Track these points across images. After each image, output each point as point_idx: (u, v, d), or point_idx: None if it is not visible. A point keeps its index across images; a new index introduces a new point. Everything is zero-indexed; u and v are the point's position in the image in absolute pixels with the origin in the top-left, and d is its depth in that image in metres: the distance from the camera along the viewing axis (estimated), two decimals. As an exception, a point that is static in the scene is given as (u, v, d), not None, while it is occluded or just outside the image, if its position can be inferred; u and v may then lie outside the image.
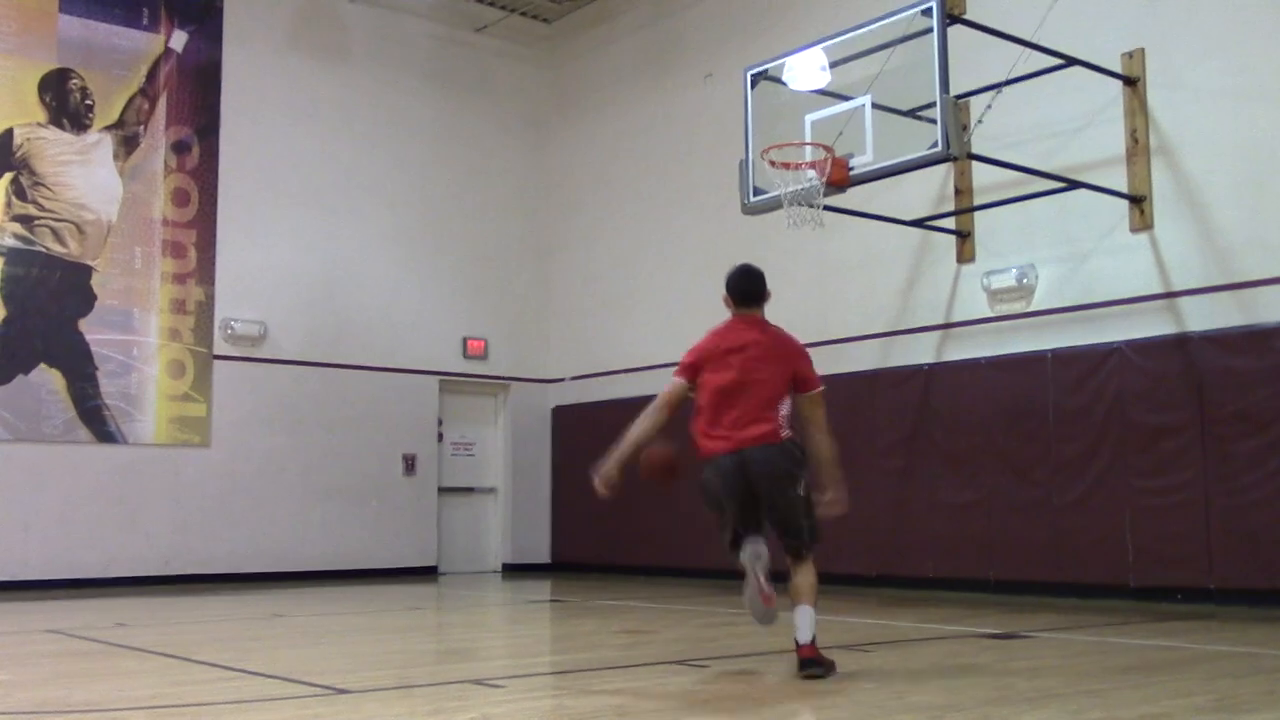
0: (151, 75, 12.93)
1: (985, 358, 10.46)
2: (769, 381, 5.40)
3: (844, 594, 10.57)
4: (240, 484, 12.94)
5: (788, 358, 5.51)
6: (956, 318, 10.84)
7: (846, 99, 9.22)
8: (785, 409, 5.41)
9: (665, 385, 5.61)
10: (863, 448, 11.04)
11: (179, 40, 13.12)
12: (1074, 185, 9.54)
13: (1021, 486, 10.04)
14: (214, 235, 13.11)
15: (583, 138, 15.31)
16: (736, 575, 5.42)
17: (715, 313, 5.73)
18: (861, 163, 8.93)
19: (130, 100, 12.79)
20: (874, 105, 8.99)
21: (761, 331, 5.54)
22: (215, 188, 13.18)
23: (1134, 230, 9.61)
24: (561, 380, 15.21)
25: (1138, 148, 9.54)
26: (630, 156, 14.54)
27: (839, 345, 11.67)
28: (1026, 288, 10.27)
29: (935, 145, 8.47)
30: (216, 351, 13.01)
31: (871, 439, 11.11)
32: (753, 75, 9.91)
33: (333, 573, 13.29)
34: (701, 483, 5.43)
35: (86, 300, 12.33)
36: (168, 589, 11.89)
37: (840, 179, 8.93)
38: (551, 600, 11.03)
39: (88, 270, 12.37)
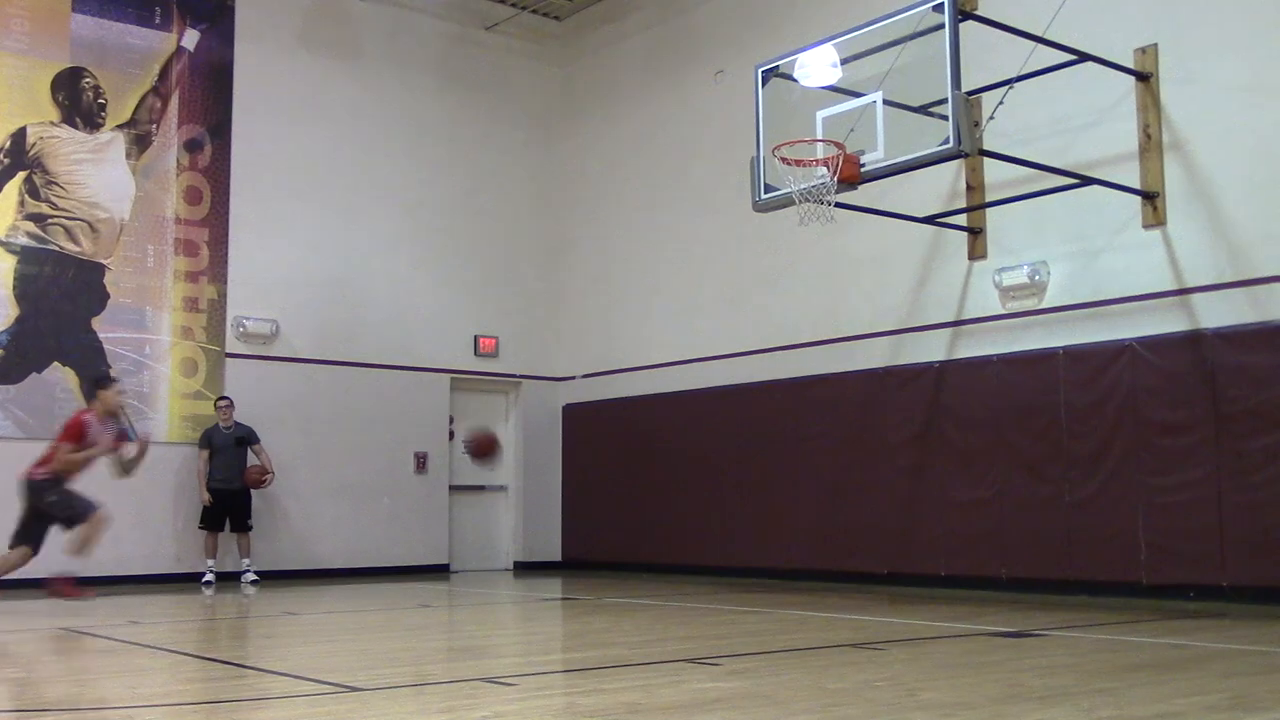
0: (164, 74, 12.97)
1: (997, 355, 10.43)
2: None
3: (855, 592, 10.56)
4: (252, 482, 12.97)
5: None
6: (968, 314, 10.81)
7: (858, 95, 9.20)
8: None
9: None
10: (874, 445, 11.03)
11: (191, 39, 13.16)
12: (1086, 181, 9.50)
13: (1033, 484, 10.01)
14: (226, 233, 13.15)
15: (594, 135, 15.30)
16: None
17: (725, 310, 5.74)
18: (873, 159, 8.91)
19: (143, 99, 12.83)
20: (885, 102, 8.97)
21: None
22: (227, 186, 13.21)
23: (1147, 226, 9.57)
24: (573, 378, 15.21)
25: (1150, 144, 9.51)
26: (641, 154, 14.53)
27: (850, 342, 11.67)
28: (1038, 284, 10.24)
29: (947, 141, 8.44)
30: (229, 349, 13.05)
31: (883, 436, 11.11)
32: (764, 72, 9.89)
33: (344, 570, 13.32)
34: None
35: (99, 298, 12.37)
36: (179, 587, 11.93)
37: (851, 175, 8.92)
38: (563, 598, 11.04)
39: (100, 268, 12.42)
